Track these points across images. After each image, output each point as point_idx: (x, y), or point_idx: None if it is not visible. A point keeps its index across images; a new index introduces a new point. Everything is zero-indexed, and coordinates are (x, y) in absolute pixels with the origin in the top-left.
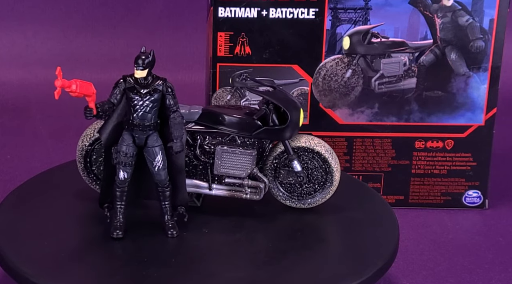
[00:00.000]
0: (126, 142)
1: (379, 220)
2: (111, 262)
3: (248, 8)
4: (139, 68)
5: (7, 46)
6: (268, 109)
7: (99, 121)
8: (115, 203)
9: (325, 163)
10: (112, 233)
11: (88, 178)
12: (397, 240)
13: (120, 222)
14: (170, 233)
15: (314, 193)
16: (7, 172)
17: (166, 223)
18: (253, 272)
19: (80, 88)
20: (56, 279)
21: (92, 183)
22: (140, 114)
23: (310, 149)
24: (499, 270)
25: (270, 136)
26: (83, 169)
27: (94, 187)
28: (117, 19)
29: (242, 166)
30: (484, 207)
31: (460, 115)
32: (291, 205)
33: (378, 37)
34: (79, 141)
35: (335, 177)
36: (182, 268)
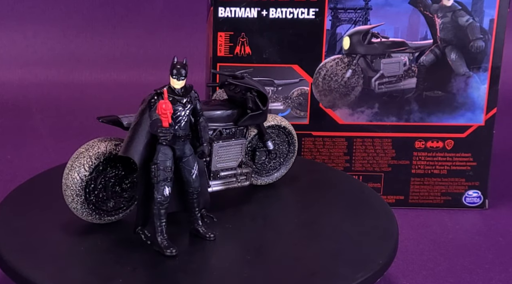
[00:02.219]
0: (169, 156)
1: (379, 220)
2: (111, 263)
3: (248, 8)
4: (180, 78)
5: (7, 46)
6: (252, 95)
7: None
8: (159, 222)
9: (289, 135)
10: (166, 252)
11: (87, 210)
12: (397, 240)
13: (167, 240)
14: (208, 236)
15: (280, 167)
16: (7, 172)
17: (201, 228)
18: (252, 271)
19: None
20: (56, 279)
21: (91, 214)
22: (183, 124)
23: (278, 126)
24: (499, 270)
25: (254, 121)
26: (83, 202)
27: (93, 219)
28: (117, 19)
29: (235, 156)
30: (484, 207)
31: (460, 115)
32: (261, 184)
33: (378, 37)
34: (72, 173)
35: (296, 147)
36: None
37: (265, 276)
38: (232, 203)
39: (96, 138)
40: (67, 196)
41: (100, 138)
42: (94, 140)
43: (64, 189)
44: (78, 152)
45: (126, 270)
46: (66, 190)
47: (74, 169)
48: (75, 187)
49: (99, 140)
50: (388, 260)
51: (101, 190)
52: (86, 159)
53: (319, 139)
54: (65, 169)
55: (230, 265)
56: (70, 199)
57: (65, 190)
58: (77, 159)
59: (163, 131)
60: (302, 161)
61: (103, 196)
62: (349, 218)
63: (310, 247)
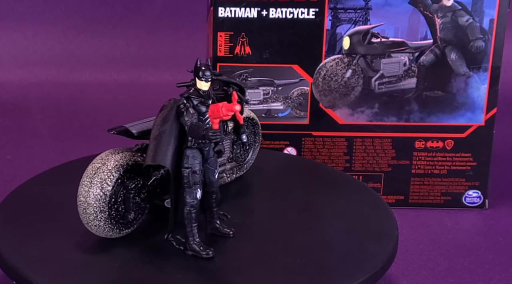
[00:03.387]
0: (198, 159)
1: (379, 220)
2: (112, 264)
3: (248, 8)
4: (208, 79)
5: (7, 46)
6: (234, 89)
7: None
8: (191, 225)
9: (255, 126)
10: (203, 254)
11: (110, 226)
12: (397, 240)
13: (200, 241)
14: (228, 233)
15: (248, 158)
16: (7, 172)
17: (220, 226)
18: (252, 273)
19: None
20: (56, 279)
21: (113, 229)
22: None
23: (248, 117)
24: (499, 270)
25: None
26: (107, 218)
27: (113, 234)
28: (117, 19)
29: (226, 153)
30: (484, 207)
31: (460, 115)
32: (236, 177)
33: (378, 37)
34: (94, 190)
35: (260, 137)
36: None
37: (264, 276)
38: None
39: (106, 151)
40: (89, 214)
41: (110, 151)
42: (106, 154)
43: (84, 207)
44: (93, 168)
45: (129, 270)
46: (88, 208)
47: (95, 185)
48: (99, 203)
49: (111, 153)
50: (388, 260)
51: (122, 203)
52: (106, 174)
53: (319, 139)
54: (82, 187)
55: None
56: (92, 217)
57: (85, 209)
58: (96, 174)
59: (215, 133)
60: (302, 161)
61: (122, 209)
62: (349, 218)
63: (310, 247)
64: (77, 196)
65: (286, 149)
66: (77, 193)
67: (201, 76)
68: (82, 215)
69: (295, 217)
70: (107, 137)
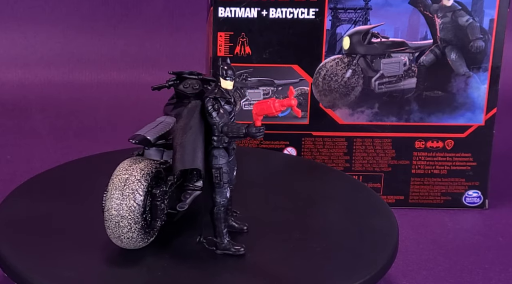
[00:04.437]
0: (226, 159)
1: (379, 220)
2: (111, 265)
3: (248, 8)
4: (233, 78)
5: (7, 46)
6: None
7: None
8: (222, 225)
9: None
10: (235, 251)
11: (141, 236)
12: (397, 240)
13: (230, 239)
14: (243, 229)
15: None
16: (7, 172)
17: (235, 223)
18: (253, 276)
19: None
20: (56, 279)
21: (143, 239)
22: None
23: None
24: (499, 270)
25: None
26: (140, 229)
27: (142, 244)
28: (117, 19)
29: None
30: (484, 207)
31: (460, 115)
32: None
33: (378, 37)
34: (127, 202)
35: None
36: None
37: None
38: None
39: (125, 162)
40: (122, 227)
41: (129, 160)
42: (127, 164)
43: (116, 221)
44: (120, 179)
45: (128, 271)
46: (121, 221)
47: (128, 197)
48: (133, 215)
49: (132, 162)
50: (388, 260)
51: (149, 211)
52: (136, 184)
53: (319, 139)
54: (112, 200)
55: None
56: (126, 230)
57: (118, 222)
58: (126, 186)
59: (260, 130)
60: (302, 161)
61: (149, 218)
62: (349, 218)
63: (309, 248)
64: (106, 211)
65: (286, 149)
66: (104, 208)
67: (228, 76)
68: (113, 229)
69: (295, 217)
70: (107, 137)
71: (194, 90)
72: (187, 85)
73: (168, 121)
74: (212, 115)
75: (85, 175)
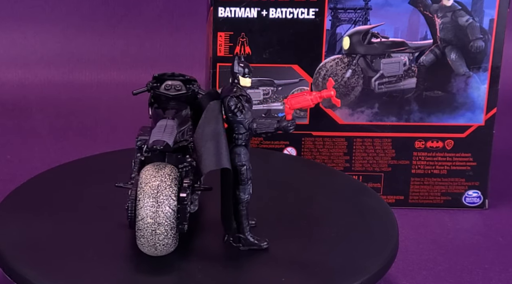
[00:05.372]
0: (248, 155)
1: (379, 220)
2: (112, 265)
3: (248, 8)
4: (251, 75)
5: (7, 46)
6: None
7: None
8: (246, 221)
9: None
10: (261, 245)
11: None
12: (397, 240)
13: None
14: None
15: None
16: (7, 172)
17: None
18: (223, 275)
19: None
20: (57, 279)
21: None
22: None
23: None
24: (499, 270)
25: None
26: (174, 235)
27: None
28: (117, 19)
29: None
30: (484, 207)
31: (460, 115)
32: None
33: (378, 37)
34: (163, 208)
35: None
36: None
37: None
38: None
39: (148, 169)
40: (159, 235)
41: (152, 167)
42: (153, 170)
43: (153, 229)
44: (152, 187)
45: (127, 272)
46: (158, 229)
47: (163, 204)
48: (170, 221)
49: (157, 168)
50: (388, 261)
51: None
52: (169, 190)
53: (319, 139)
54: (146, 208)
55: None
56: (162, 237)
57: (154, 230)
58: (159, 193)
59: (293, 123)
60: (302, 161)
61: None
62: (349, 218)
63: (309, 248)
64: (140, 220)
65: (286, 149)
66: (137, 217)
67: (247, 74)
68: (148, 237)
69: (295, 217)
70: (107, 137)
71: (177, 91)
72: (168, 87)
73: (171, 123)
74: (237, 114)
75: (85, 175)
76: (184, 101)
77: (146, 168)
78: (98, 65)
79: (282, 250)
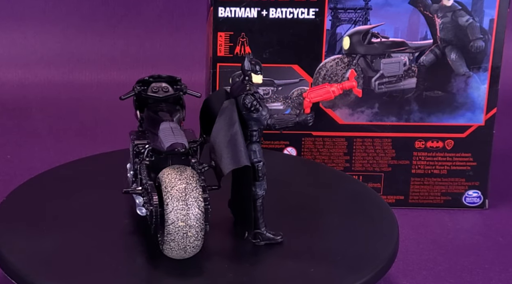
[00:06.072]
0: (262, 151)
1: (379, 220)
2: (112, 265)
3: (248, 8)
4: (262, 72)
5: (7, 46)
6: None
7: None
8: (262, 216)
9: None
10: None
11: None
12: (397, 240)
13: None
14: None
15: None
16: (7, 172)
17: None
18: (252, 271)
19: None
20: (56, 280)
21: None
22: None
23: None
24: (499, 270)
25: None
26: (203, 236)
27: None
28: (117, 19)
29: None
30: (484, 207)
31: (460, 115)
32: None
33: (378, 37)
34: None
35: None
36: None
37: (264, 276)
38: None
39: (171, 173)
40: (190, 237)
41: (173, 170)
42: (176, 172)
43: (184, 232)
44: (179, 190)
45: (131, 270)
46: (189, 231)
47: (192, 206)
48: (200, 222)
49: (179, 171)
50: (388, 261)
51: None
52: (196, 191)
53: (319, 139)
54: (177, 212)
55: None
56: (193, 239)
57: (186, 232)
58: (187, 195)
59: (312, 116)
60: (302, 161)
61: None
62: (349, 218)
63: (309, 248)
64: (171, 224)
65: (286, 149)
66: (167, 222)
67: (258, 70)
68: (179, 241)
69: (295, 217)
70: (107, 137)
71: (165, 92)
72: (156, 89)
73: (174, 125)
74: (257, 110)
75: (85, 175)
76: (172, 102)
77: (167, 172)
78: (98, 65)
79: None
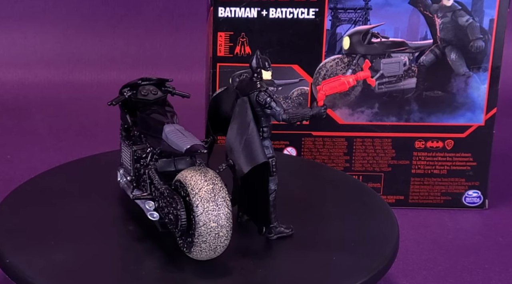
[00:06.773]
0: (273, 148)
1: (379, 220)
2: (112, 265)
3: (248, 8)
4: (271, 68)
5: (7, 46)
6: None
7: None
8: (274, 211)
9: None
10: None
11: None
12: (397, 240)
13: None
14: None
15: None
16: (7, 172)
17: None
18: (253, 273)
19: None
20: (57, 279)
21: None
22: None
23: None
24: (499, 270)
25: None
26: (232, 235)
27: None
28: (117, 19)
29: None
30: (484, 207)
31: (460, 115)
32: None
33: (378, 37)
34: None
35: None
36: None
37: (264, 276)
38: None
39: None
40: (221, 237)
41: (195, 172)
42: (200, 175)
43: (216, 232)
44: (207, 190)
45: (134, 271)
46: (221, 231)
47: (222, 206)
48: (230, 222)
49: (201, 172)
50: (388, 261)
51: None
52: (223, 191)
53: (319, 139)
54: (208, 213)
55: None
56: (223, 238)
57: (218, 233)
58: (216, 195)
59: (326, 108)
60: (302, 161)
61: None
62: (349, 218)
63: (309, 248)
64: (203, 226)
65: (286, 149)
66: (199, 224)
67: (268, 67)
68: (211, 242)
69: (295, 217)
70: (107, 137)
71: (154, 95)
72: (146, 92)
73: (179, 127)
74: (272, 106)
75: (85, 175)
76: (161, 104)
77: (190, 174)
78: (98, 65)
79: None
